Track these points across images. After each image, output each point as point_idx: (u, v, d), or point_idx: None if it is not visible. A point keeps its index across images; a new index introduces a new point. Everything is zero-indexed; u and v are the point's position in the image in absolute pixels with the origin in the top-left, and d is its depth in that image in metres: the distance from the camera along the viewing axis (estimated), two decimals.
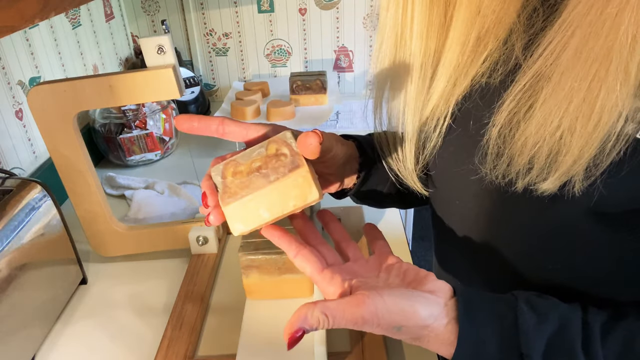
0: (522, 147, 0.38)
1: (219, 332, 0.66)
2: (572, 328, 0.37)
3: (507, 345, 0.37)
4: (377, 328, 0.38)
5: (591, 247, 0.40)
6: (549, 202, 0.39)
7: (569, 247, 0.41)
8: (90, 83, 0.66)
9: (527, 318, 0.38)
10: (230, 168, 0.43)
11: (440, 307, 0.39)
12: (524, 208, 0.42)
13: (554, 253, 0.42)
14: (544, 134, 0.36)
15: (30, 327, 0.63)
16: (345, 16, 1.35)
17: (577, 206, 0.37)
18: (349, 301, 0.39)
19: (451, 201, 0.52)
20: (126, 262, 0.80)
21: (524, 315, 0.38)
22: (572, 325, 0.37)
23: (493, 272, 0.49)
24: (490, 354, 0.38)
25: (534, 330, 0.37)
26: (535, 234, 0.43)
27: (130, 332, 0.67)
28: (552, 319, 0.38)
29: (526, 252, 0.45)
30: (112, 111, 1.06)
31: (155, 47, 0.64)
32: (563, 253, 0.42)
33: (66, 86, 0.65)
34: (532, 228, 0.43)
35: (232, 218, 0.42)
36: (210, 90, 1.48)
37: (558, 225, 0.40)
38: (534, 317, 0.38)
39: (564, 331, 0.37)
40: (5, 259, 0.58)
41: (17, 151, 0.89)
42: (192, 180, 0.99)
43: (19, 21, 0.46)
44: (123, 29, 1.36)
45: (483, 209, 0.47)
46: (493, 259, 0.48)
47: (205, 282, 0.72)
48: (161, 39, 0.63)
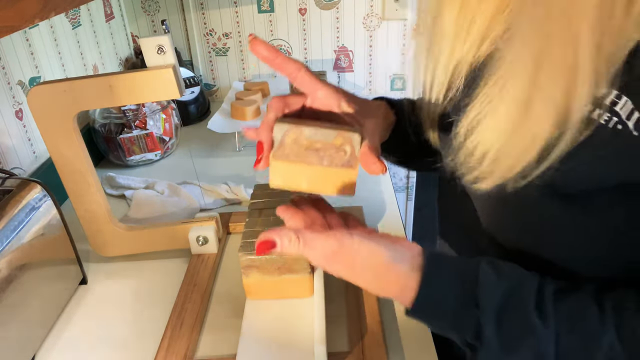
0: (474, 147, 0.40)
1: (219, 332, 0.66)
2: (527, 288, 0.39)
3: (465, 298, 0.40)
4: (343, 265, 0.42)
5: (552, 226, 0.41)
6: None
7: (533, 227, 0.43)
8: (90, 83, 0.66)
9: (488, 274, 0.40)
10: (293, 135, 0.47)
11: (406, 255, 0.42)
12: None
13: (520, 232, 0.45)
14: (492, 140, 0.39)
15: (30, 327, 0.63)
16: (345, 16, 1.35)
17: (534, 188, 0.39)
18: (322, 233, 0.42)
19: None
20: (126, 262, 0.80)
21: (484, 272, 0.40)
22: (528, 285, 0.39)
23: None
24: (448, 304, 0.40)
25: (492, 285, 0.39)
26: (502, 215, 0.46)
27: (130, 332, 0.67)
28: (510, 277, 0.40)
29: (499, 231, 0.48)
30: (112, 111, 1.06)
31: (155, 47, 0.64)
32: (529, 232, 0.44)
33: (66, 86, 0.65)
34: (499, 208, 0.46)
35: (276, 172, 0.48)
36: (210, 90, 1.48)
37: (520, 206, 0.42)
38: (494, 275, 0.40)
39: (520, 289, 0.39)
40: (5, 259, 0.58)
41: (17, 151, 0.89)
42: (192, 180, 0.99)
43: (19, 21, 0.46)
44: (123, 29, 1.36)
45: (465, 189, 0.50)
46: (483, 242, 0.50)
47: (205, 282, 0.72)
48: (161, 39, 0.63)
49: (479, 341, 0.39)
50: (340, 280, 0.72)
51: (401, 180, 1.62)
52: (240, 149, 1.16)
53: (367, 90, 1.46)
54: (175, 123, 1.15)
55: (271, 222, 0.68)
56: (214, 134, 1.12)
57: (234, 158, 1.13)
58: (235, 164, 1.10)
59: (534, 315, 0.38)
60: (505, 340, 0.39)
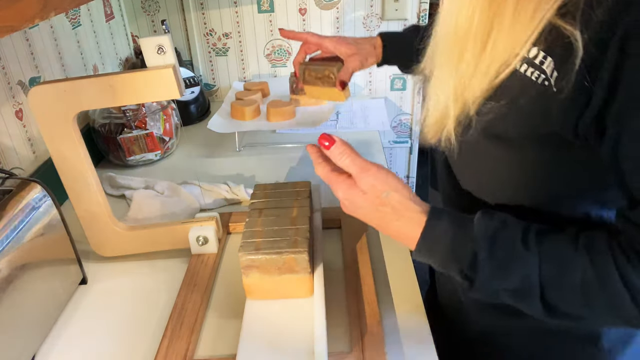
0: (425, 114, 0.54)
1: (219, 332, 0.66)
2: (514, 226, 0.47)
3: (462, 234, 0.47)
4: (371, 189, 0.49)
5: (495, 165, 0.51)
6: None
7: (478, 167, 0.54)
8: (90, 83, 0.66)
9: (481, 216, 0.48)
10: (307, 72, 0.88)
11: (419, 203, 0.50)
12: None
13: (476, 176, 0.56)
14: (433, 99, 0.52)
15: (30, 327, 0.63)
16: (345, 16, 1.35)
17: (481, 135, 0.49)
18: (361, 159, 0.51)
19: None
20: (126, 262, 0.80)
21: (478, 216, 0.48)
22: (515, 224, 0.47)
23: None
24: (447, 238, 0.48)
25: (484, 222, 0.47)
26: (464, 163, 0.57)
27: (130, 332, 0.67)
28: (500, 218, 0.47)
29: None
30: (112, 111, 1.06)
31: (155, 47, 0.64)
32: (483, 175, 0.54)
33: (66, 86, 0.65)
34: (463, 158, 0.56)
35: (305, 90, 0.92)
36: (210, 90, 1.48)
37: (474, 153, 0.53)
38: (486, 216, 0.48)
39: (508, 226, 0.47)
40: (5, 259, 0.58)
41: (17, 151, 0.89)
42: (192, 180, 0.99)
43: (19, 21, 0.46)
44: (123, 29, 1.36)
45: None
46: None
47: (205, 282, 0.72)
48: (161, 38, 0.63)
49: (474, 270, 0.45)
50: (340, 280, 0.72)
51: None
52: (240, 149, 1.16)
53: (367, 90, 1.46)
54: (175, 123, 1.15)
55: (271, 222, 0.68)
56: (214, 134, 1.12)
57: (234, 158, 1.13)
58: (235, 164, 1.10)
59: (520, 246, 0.45)
60: (497, 266, 0.45)
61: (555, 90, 0.41)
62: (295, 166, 1.08)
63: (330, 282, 0.72)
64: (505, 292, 0.45)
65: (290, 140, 1.19)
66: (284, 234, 0.66)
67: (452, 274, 0.48)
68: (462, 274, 0.47)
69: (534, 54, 0.43)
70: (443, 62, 0.50)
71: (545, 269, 0.44)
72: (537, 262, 0.44)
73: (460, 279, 0.48)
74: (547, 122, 0.44)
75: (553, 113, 0.43)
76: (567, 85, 0.40)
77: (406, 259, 0.77)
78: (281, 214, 0.70)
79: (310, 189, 0.78)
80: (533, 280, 0.44)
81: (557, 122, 0.43)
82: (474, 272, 0.46)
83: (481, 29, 0.44)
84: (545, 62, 0.42)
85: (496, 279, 0.45)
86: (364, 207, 0.51)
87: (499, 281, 0.45)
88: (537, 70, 0.43)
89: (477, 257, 0.45)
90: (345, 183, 0.51)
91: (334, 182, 0.52)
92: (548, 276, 0.44)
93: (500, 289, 0.45)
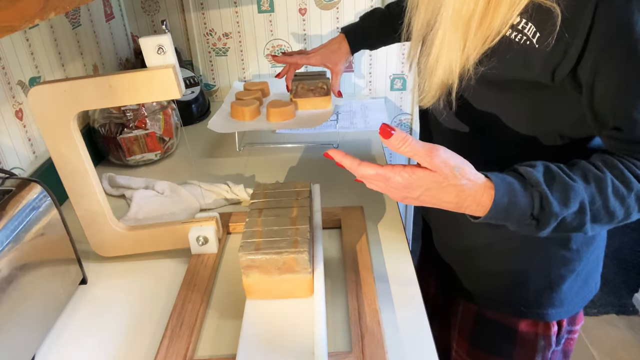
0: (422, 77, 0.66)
1: (219, 332, 0.66)
2: (552, 167, 0.55)
3: (522, 184, 0.54)
4: (443, 166, 0.52)
5: (494, 104, 0.63)
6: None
7: (482, 112, 0.65)
8: (90, 83, 0.66)
9: (527, 169, 0.55)
10: (300, 85, 1.09)
11: (479, 173, 0.55)
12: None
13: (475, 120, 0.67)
14: (427, 71, 0.64)
15: (30, 327, 0.63)
16: (345, 16, 1.35)
17: (474, 82, 0.60)
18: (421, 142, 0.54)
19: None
20: (126, 262, 0.80)
21: (525, 169, 0.55)
22: (552, 165, 0.55)
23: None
24: (517, 194, 0.53)
25: (534, 171, 0.54)
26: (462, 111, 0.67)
27: (130, 332, 0.67)
28: (540, 165, 0.56)
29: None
30: (112, 111, 1.06)
31: (155, 47, 0.64)
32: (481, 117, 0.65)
33: (66, 86, 0.65)
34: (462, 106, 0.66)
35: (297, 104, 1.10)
36: (210, 90, 1.48)
37: (471, 96, 0.64)
38: (529, 167, 0.55)
39: (550, 167, 0.55)
40: (5, 259, 0.58)
41: (17, 151, 0.89)
42: (192, 180, 0.99)
43: (19, 21, 0.46)
44: (123, 29, 1.36)
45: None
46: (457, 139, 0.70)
47: (205, 282, 0.72)
48: (161, 38, 0.63)
49: (542, 208, 0.53)
50: (340, 280, 0.72)
51: None
52: (240, 149, 1.16)
53: (367, 90, 1.46)
54: (175, 123, 1.15)
55: (271, 222, 0.68)
56: (214, 134, 1.12)
57: (234, 158, 1.13)
58: (235, 164, 1.10)
59: (566, 179, 0.53)
60: (560, 198, 0.53)
61: (537, 47, 0.54)
62: (295, 166, 1.08)
63: (330, 282, 0.72)
64: (568, 217, 0.53)
65: (290, 140, 1.19)
66: (284, 234, 0.66)
67: (521, 222, 0.55)
68: (531, 217, 0.54)
69: (517, 21, 0.55)
70: (449, 38, 0.59)
71: (588, 190, 0.54)
72: (582, 188, 0.53)
73: (528, 222, 0.54)
74: (529, 72, 0.57)
75: (534, 65, 0.56)
76: (547, 42, 0.53)
77: (406, 259, 0.77)
78: (281, 214, 0.70)
79: (310, 189, 0.78)
80: (585, 202, 0.53)
81: (536, 72, 0.56)
82: (542, 210, 0.53)
83: (482, 10, 0.56)
84: (527, 27, 0.55)
85: (562, 208, 0.53)
86: (433, 188, 0.53)
87: (564, 209, 0.53)
88: (519, 34, 0.55)
89: (544, 196, 0.53)
90: (405, 170, 0.53)
91: (391, 172, 0.54)
92: (592, 195, 0.54)
93: (565, 215, 0.53)
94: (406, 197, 0.55)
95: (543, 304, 0.72)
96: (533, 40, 0.54)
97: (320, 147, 1.15)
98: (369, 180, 0.56)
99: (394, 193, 0.55)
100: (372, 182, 0.56)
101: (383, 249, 0.79)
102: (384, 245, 0.80)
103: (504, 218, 0.54)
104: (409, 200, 0.56)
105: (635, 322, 1.78)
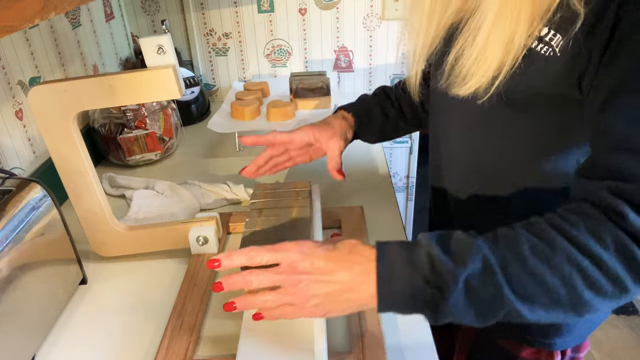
0: (460, 67, 0.57)
1: (219, 332, 0.66)
2: (456, 230, 0.49)
3: (412, 248, 0.47)
4: (296, 249, 0.50)
5: (502, 125, 0.59)
6: (472, 99, 0.57)
7: (493, 129, 0.61)
8: (90, 83, 0.66)
9: (424, 233, 0.49)
10: (300, 84, 1.04)
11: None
12: (461, 104, 0.59)
13: (478, 139, 0.63)
14: (474, 59, 0.55)
15: (30, 327, 0.63)
16: (345, 16, 1.35)
17: (492, 97, 0.55)
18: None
19: (434, 117, 0.74)
20: (126, 262, 0.80)
21: (420, 234, 0.49)
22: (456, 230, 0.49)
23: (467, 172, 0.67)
24: (401, 255, 0.47)
25: (428, 234, 0.49)
26: (468, 124, 0.64)
27: (130, 332, 0.67)
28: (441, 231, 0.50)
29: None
30: (112, 111, 1.06)
31: (155, 47, 0.64)
32: (486, 137, 0.62)
33: (66, 86, 0.65)
34: (467, 116, 0.63)
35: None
36: (210, 90, 1.48)
37: (479, 111, 0.58)
38: (427, 233, 0.49)
39: (453, 230, 0.49)
40: (5, 259, 0.58)
41: (17, 151, 0.89)
42: (192, 180, 0.99)
43: (19, 21, 0.46)
44: (123, 29, 1.36)
45: (444, 112, 0.70)
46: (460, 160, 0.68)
47: (205, 282, 0.72)
48: (161, 38, 0.63)
49: (434, 269, 0.45)
50: None
51: (401, 180, 1.63)
52: (240, 149, 1.16)
53: (367, 90, 1.46)
54: (175, 123, 1.15)
55: (271, 222, 0.68)
56: (214, 134, 1.12)
57: (234, 158, 1.13)
58: (235, 164, 1.10)
59: (467, 237, 0.47)
60: (454, 257, 0.45)
61: (559, 55, 0.50)
62: (295, 166, 1.08)
63: None
64: (472, 279, 0.44)
65: None
66: (284, 234, 0.66)
67: (418, 294, 0.46)
68: (429, 285, 0.45)
69: (544, 32, 0.51)
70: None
71: (499, 247, 0.46)
72: (489, 244, 0.46)
73: (430, 292, 0.45)
74: (551, 83, 0.52)
75: (557, 74, 0.51)
76: (570, 47, 0.49)
77: None
78: (281, 214, 0.70)
79: (310, 189, 0.78)
80: (491, 259, 0.45)
81: (561, 81, 0.51)
82: (437, 274, 0.45)
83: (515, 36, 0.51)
84: (555, 38, 0.50)
85: (459, 267, 0.44)
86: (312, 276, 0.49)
87: (461, 268, 0.44)
88: (546, 46, 0.51)
89: (433, 256, 0.46)
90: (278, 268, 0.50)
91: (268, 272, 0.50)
92: (503, 252, 0.45)
93: (467, 277, 0.44)
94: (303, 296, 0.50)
95: (549, 333, 0.67)
96: (556, 49, 0.50)
97: None
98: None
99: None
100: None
101: None
102: None
103: (400, 291, 0.47)
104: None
105: (635, 322, 1.78)
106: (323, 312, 0.50)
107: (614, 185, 0.44)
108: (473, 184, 0.67)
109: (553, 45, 0.51)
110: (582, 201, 0.47)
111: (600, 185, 0.45)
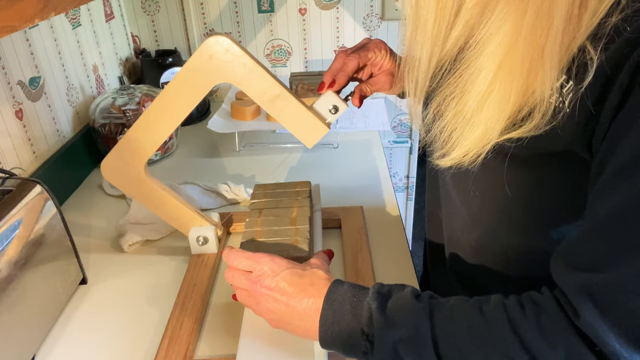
0: (439, 131, 0.49)
1: (219, 332, 0.66)
2: (412, 288, 0.49)
3: (360, 294, 0.49)
4: (269, 265, 0.53)
5: (502, 182, 0.50)
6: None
7: (485, 186, 0.54)
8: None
9: (379, 283, 0.51)
10: (300, 84, 0.94)
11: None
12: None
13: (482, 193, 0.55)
14: (457, 123, 0.47)
15: (30, 327, 0.63)
16: (345, 16, 1.35)
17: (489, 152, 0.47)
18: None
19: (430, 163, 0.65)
20: (126, 262, 0.80)
21: (376, 283, 0.51)
22: (413, 288, 0.49)
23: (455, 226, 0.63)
24: (347, 298, 0.49)
25: (382, 285, 0.50)
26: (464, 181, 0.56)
27: (130, 332, 0.67)
28: (399, 285, 0.50)
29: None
30: (112, 111, 1.06)
31: (331, 106, 0.75)
32: (482, 192, 0.55)
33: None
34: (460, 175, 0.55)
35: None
36: (210, 90, 1.48)
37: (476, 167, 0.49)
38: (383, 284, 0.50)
39: (405, 287, 0.49)
40: (5, 259, 0.58)
41: (17, 151, 0.89)
42: (192, 180, 0.99)
43: (19, 21, 0.46)
44: (123, 29, 1.36)
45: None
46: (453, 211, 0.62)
47: (205, 282, 0.72)
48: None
49: (371, 325, 0.46)
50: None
51: (401, 180, 1.63)
52: (240, 149, 1.17)
53: None
54: None
55: (271, 222, 0.68)
56: (214, 134, 1.12)
57: (234, 158, 1.13)
58: (235, 164, 1.10)
59: (412, 299, 0.47)
60: (389, 316, 0.46)
61: (568, 111, 0.42)
62: (295, 166, 1.08)
63: None
64: (401, 343, 0.45)
65: (290, 140, 1.19)
66: (284, 234, 0.66)
67: (356, 345, 0.47)
68: (365, 336, 0.47)
69: (560, 80, 0.43)
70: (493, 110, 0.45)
71: (435, 318, 0.45)
72: (427, 312, 0.45)
73: (364, 344, 0.47)
74: (559, 140, 0.44)
75: (565, 130, 0.43)
76: (581, 106, 0.41)
77: (406, 259, 0.77)
78: (281, 214, 0.70)
79: (310, 189, 0.78)
80: (424, 329, 0.44)
81: (569, 139, 0.43)
82: (372, 328, 0.46)
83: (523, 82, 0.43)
84: (567, 85, 0.42)
85: (390, 328, 0.45)
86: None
87: (392, 330, 0.45)
88: (556, 94, 0.43)
89: (372, 309, 0.47)
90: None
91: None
92: (438, 324, 0.44)
93: (396, 340, 0.45)
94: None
95: None
96: (566, 100, 0.42)
97: (320, 147, 1.15)
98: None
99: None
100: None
101: (383, 249, 0.79)
102: (384, 245, 0.80)
103: (339, 329, 0.48)
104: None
105: None
106: (276, 326, 0.54)
107: (586, 277, 0.39)
108: (470, 238, 0.61)
109: (564, 93, 0.42)
110: (553, 287, 0.43)
111: (573, 276, 0.40)
